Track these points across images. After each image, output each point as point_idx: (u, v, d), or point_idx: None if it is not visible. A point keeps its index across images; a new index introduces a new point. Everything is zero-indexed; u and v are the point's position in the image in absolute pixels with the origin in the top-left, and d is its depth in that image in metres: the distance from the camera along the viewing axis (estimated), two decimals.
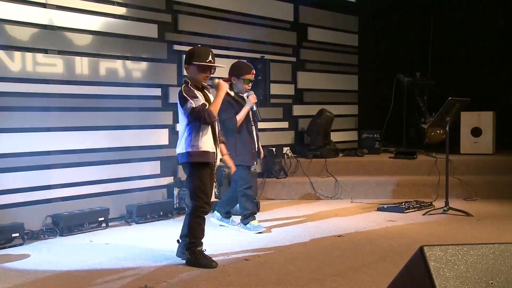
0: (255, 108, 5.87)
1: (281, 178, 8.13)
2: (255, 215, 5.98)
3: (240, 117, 5.76)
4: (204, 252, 4.65)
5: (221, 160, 4.95)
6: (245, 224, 5.92)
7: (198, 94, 4.62)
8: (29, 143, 5.75)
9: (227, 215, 6.16)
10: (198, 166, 4.64)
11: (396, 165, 8.50)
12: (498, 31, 9.92)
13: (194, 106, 4.53)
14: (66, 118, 6.09)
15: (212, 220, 6.06)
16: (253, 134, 5.93)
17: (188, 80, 4.68)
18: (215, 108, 4.65)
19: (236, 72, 5.85)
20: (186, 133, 4.63)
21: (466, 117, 8.82)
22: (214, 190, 4.92)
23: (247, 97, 5.84)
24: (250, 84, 5.88)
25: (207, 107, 4.57)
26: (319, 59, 9.56)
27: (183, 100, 4.59)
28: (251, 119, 5.92)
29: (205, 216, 4.73)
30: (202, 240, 4.68)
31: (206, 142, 4.65)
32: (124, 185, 6.64)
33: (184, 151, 4.64)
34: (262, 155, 6.12)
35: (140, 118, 6.83)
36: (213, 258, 4.65)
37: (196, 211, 4.65)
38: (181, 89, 4.63)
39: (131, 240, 5.59)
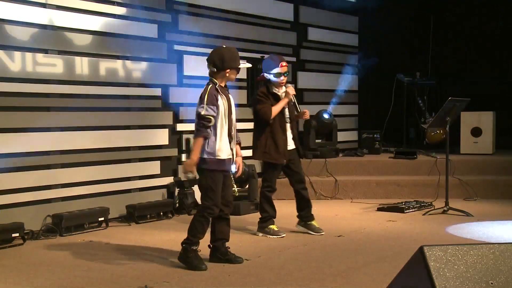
0: (294, 101, 5.59)
1: (281, 178, 8.10)
2: (274, 220, 5.73)
3: (275, 109, 5.46)
4: (198, 253, 4.57)
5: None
6: (263, 228, 5.69)
7: (222, 101, 4.52)
8: (29, 143, 5.74)
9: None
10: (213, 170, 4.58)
11: (396, 165, 8.49)
12: (498, 32, 9.91)
13: (202, 114, 4.45)
14: (66, 118, 6.09)
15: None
16: (286, 131, 5.59)
17: (216, 81, 4.60)
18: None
19: (265, 67, 5.58)
20: None
21: (466, 117, 8.81)
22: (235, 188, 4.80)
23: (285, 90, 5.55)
24: (283, 78, 5.52)
25: (211, 123, 4.46)
26: (319, 59, 9.56)
27: (200, 100, 4.52)
28: (286, 115, 5.59)
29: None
30: (200, 241, 4.62)
31: (222, 149, 4.55)
32: (124, 185, 6.64)
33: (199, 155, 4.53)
34: (300, 152, 5.73)
35: (140, 118, 6.83)
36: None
37: (202, 211, 4.60)
38: (207, 88, 4.55)
39: (131, 240, 5.59)
